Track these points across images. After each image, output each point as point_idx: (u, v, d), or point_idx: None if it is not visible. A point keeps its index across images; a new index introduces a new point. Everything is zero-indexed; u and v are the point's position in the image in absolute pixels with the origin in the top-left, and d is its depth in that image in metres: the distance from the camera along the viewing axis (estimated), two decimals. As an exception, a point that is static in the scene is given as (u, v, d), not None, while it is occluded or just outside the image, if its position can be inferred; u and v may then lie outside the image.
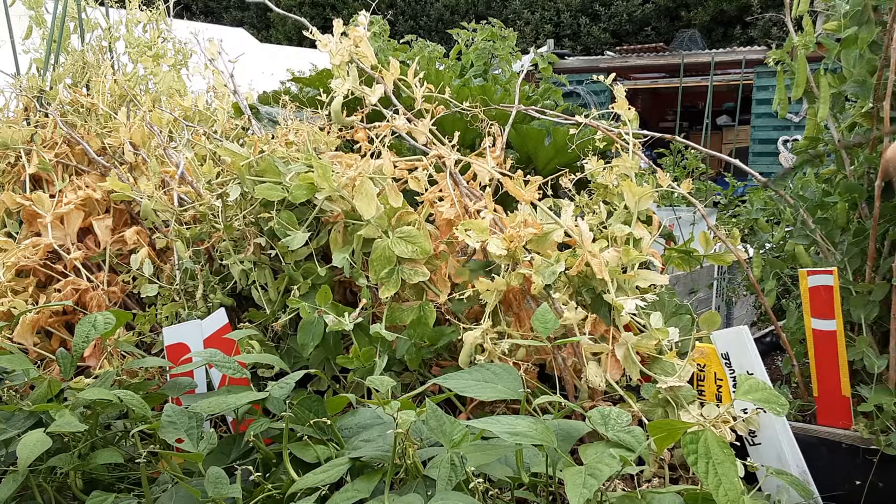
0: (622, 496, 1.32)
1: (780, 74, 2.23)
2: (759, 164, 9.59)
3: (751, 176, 2.18)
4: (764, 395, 1.28)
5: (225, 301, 2.07)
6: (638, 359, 1.74)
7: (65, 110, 2.83)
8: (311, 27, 2.23)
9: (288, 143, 2.14)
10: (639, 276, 1.82)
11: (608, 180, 2.03)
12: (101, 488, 1.44)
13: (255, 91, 3.34)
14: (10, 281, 2.22)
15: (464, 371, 1.49)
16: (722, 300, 3.86)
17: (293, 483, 1.33)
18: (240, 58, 2.67)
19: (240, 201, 2.05)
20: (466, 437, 1.29)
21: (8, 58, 3.23)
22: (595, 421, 1.35)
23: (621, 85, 2.09)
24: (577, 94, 10.10)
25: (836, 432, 1.88)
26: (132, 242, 2.38)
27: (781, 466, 1.66)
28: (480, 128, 2.14)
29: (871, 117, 2.01)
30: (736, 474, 1.19)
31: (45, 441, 1.31)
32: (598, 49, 16.95)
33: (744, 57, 10.21)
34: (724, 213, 4.27)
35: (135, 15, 3.23)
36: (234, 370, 1.60)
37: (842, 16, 2.01)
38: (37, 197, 2.41)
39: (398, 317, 1.87)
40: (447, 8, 18.81)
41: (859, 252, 2.06)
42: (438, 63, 4.10)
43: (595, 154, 2.11)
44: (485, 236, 1.78)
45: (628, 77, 11.68)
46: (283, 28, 19.44)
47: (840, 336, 1.86)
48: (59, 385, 1.61)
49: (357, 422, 1.54)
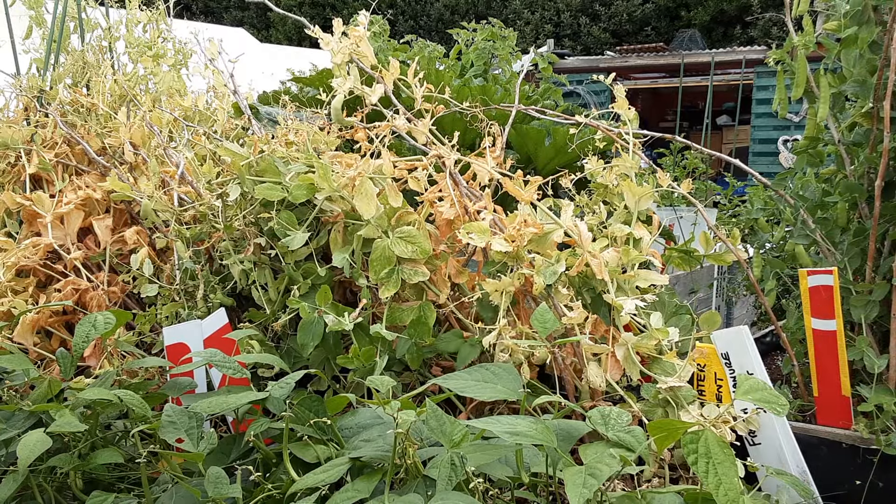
0: (622, 496, 1.32)
1: (780, 74, 2.23)
2: (759, 164, 9.59)
3: (751, 176, 2.18)
4: (764, 395, 1.28)
5: (225, 301, 2.07)
6: (638, 359, 1.74)
7: (65, 110, 2.83)
8: (312, 26, 2.23)
9: (288, 143, 2.14)
10: (639, 276, 1.82)
11: (608, 180, 2.03)
12: (101, 488, 1.44)
13: (255, 91, 3.34)
14: (10, 281, 2.22)
15: (464, 371, 1.49)
16: (722, 300, 3.86)
17: (293, 483, 1.33)
18: (240, 58, 2.67)
19: (240, 201, 2.05)
20: (466, 437, 1.29)
21: (8, 58, 3.23)
22: (595, 421, 1.35)
23: (621, 85, 2.09)
24: (577, 94, 10.10)
25: (836, 432, 1.88)
26: (132, 242, 2.38)
27: (781, 466, 1.66)
28: (480, 128, 2.13)
29: (871, 117, 2.01)
30: (736, 474, 1.19)
31: (45, 441, 1.31)
32: (598, 49, 16.95)
33: (744, 57, 10.21)
34: (724, 213, 4.27)
35: (135, 15, 3.23)
36: (234, 370, 1.60)
37: (842, 16, 2.01)
38: (37, 197, 2.41)
39: (398, 317, 1.87)
40: (447, 8, 18.81)
41: (859, 252, 2.06)
42: (438, 63, 4.10)
43: (595, 154, 2.11)
44: (486, 237, 1.78)
45: (628, 77, 11.67)
46: (283, 28, 19.45)
47: (840, 336, 1.86)
48: (59, 385, 1.61)
49: (357, 422, 1.54)
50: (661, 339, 1.74)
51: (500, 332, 1.76)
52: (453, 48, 4.56)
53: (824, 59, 2.13)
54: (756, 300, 3.04)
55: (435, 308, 1.90)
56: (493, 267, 1.89)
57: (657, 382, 1.68)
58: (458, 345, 1.86)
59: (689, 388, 1.69)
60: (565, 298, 1.79)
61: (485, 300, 1.85)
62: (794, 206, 2.22)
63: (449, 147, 2.04)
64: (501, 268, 1.86)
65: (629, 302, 1.72)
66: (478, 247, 1.90)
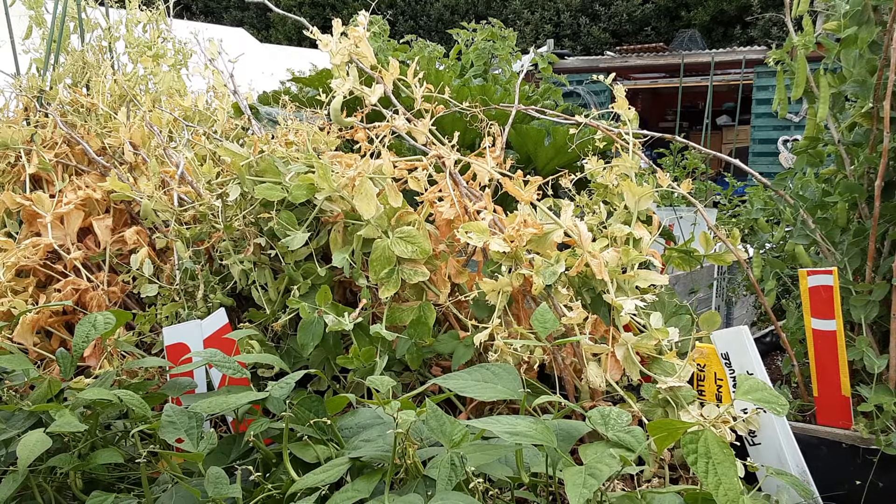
0: (622, 496, 1.32)
1: (780, 74, 2.23)
2: (759, 164, 9.59)
3: (751, 176, 2.18)
4: (764, 395, 1.28)
5: (225, 301, 2.07)
6: (638, 359, 1.74)
7: (65, 110, 2.83)
8: (312, 27, 2.23)
9: (288, 143, 2.14)
10: (639, 277, 1.82)
11: (608, 180, 2.03)
12: (101, 488, 1.44)
13: (255, 91, 3.34)
14: (10, 281, 2.22)
15: (463, 371, 1.49)
16: (722, 300, 3.86)
17: (293, 483, 1.33)
18: (240, 58, 2.68)
19: (240, 201, 2.05)
20: (466, 437, 1.29)
21: (8, 58, 3.23)
22: (595, 421, 1.35)
23: (621, 85, 2.09)
24: (577, 94, 10.09)
25: (836, 432, 1.88)
26: (132, 242, 2.38)
27: (781, 466, 1.66)
28: (480, 128, 2.13)
29: (870, 117, 2.01)
30: (736, 474, 1.19)
31: (45, 441, 1.31)
32: (598, 49, 16.95)
33: (744, 57, 10.21)
34: (724, 213, 4.27)
35: (135, 15, 3.23)
36: (234, 370, 1.60)
37: (842, 16, 2.01)
38: (37, 197, 2.41)
39: (398, 317, 1.87)
40: (447, 8, 18.81)
41: (859, 252, 2.06)
42: (438, 63, 4.10)
43: (595, 154, 2.11)
44: (485, 237, 1.78)
45: (628, 77, 11.68)
46: (283, 28, 19.45)
47: (840, 336, 1.86)
48: (59, 385, 1.61)
49: (357, 422, 1.54)
50: (661, 339, 1.74)
51: (492, 333, 1.75)
52: (453, 48, 4.56)
53: (824, 59, 2.13)
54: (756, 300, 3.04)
55: (435, 308, 1.90)
56: (492, 267, 1.89)
57: (657, 382, 1.68)
58: (454, 345, 1.86)
59: (688, 388, 1.69)
60: (565, 298, 1.79)
61: (481, 300, 1.85)
62: (794, 206, 2.22)
63: (449, 147, 2.04)
64: (498, 268, 1.86)
65: (629, 302, 1.72)
66: (477, 247, 1.90)
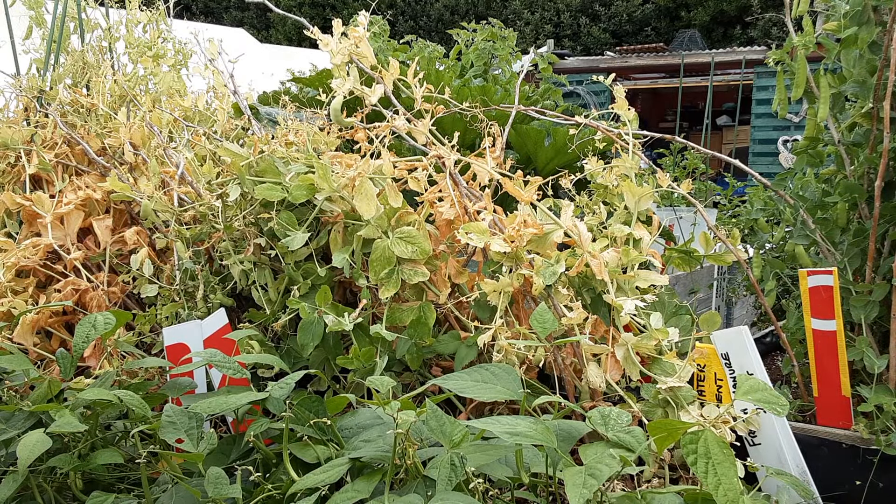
0: (622, 496, 1.32)
1: (780, 74, 2.23)
2: (759, 164, 9.59)
3: (751, 176, 2.18)
4: (764, 395, 1.28)
5: (225, 301, 2.07)
6: (638, 359, 1.74)
7: (65, 110, 2.83)
8: (312, 27, 2.23)
9: (288, 143, 2.14)
10: (639, 277, 1.82)
11: (608, 181, 2.03)
12: (101, 488, 1.44)
13: (255, 91, 3.34)
14: (10, 281, 2.22)
15: (463, 371, 1.49)
16: (722, 300, 3.85)
17: (293, 483, 1.33)
18: (240, 58, 2.68)
19: (240, 201, 2.05)
20: (466, 438, 1.29)
21: (8, 58, 3.23)
22: (595, 421, 1.35)
23: (621, 85, 2.09)
24: (577, 94, 10.10)
25: (836, 432, 1.88)
26: (132, 242, 2.38)
27: (781, 466, 1.66)
28: (480, 128, 2.13)
29: (870, 117, 2.01)
30: (735, 474, 1.19)
31: (45, 441, 1.31)
32: (598, 49, 16.95)
33: (744, 57, 10.21)
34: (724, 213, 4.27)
35: (135, 15, 3.23)
36: (234, 370, 1.60)
37: (842, 16, 2.01)
38: (37, 197, 2.41)
39: (398, 317, 1.87)
40: (447, 8, 18.81)
41: (859, 252, 2.06)
42: (438, 63, 4.10)
43: (595, 154, 2.11)
44: (485, 238, 1.78)
45: (628, 77, 11.68)
46: (283, 28, 19.45)
47: (840, 336, 1.86)
48: (59, 385, 1.61)
49: (357, 422, 1.54)
50: (661, 339, 1.74)
51: (496, 333, 1.76)
52: (453, 48, 4.56)
53: (824, 59, 2.13)
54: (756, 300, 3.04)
55: (435, 308, 1.90)
56: (493, 267, 1.89)
57: (657, 383, 1.68)
58: (455, 346, 1.86)
59: (688, 389, 1.69)
60: (565, 299, 1.79)
61: (482, 300, 1.85)
62: (794, 207, 2.23)
63: (449, 147, 2.04)
64: (499, 269, 1.86)
65: (629, 302, 1.72)
66: (478, 247, 1.90)
